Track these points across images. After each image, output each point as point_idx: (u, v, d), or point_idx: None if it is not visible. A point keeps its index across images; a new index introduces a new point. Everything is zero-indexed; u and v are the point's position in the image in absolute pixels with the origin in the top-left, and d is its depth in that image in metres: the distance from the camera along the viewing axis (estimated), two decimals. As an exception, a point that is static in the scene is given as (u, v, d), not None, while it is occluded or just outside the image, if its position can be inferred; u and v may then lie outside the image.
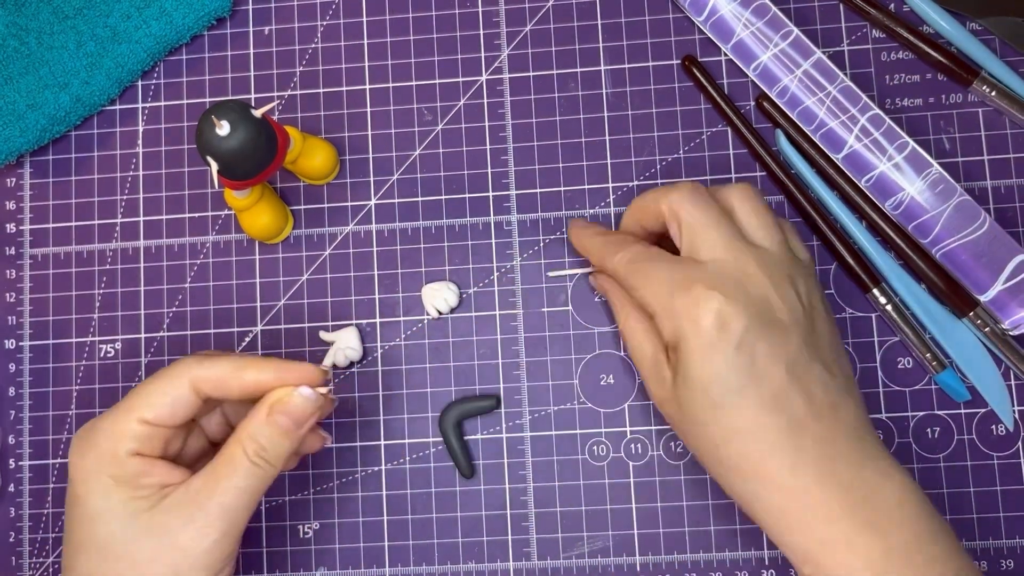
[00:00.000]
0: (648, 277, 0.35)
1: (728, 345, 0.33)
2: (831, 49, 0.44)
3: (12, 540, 0.44)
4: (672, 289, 0.34)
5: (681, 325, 0.34)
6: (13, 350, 0.46)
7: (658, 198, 0.37)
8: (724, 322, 0.33)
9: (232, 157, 0.36)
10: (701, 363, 0.33)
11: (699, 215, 0.35)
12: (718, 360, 0.33)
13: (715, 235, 0.35)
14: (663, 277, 0.35)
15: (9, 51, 0.44)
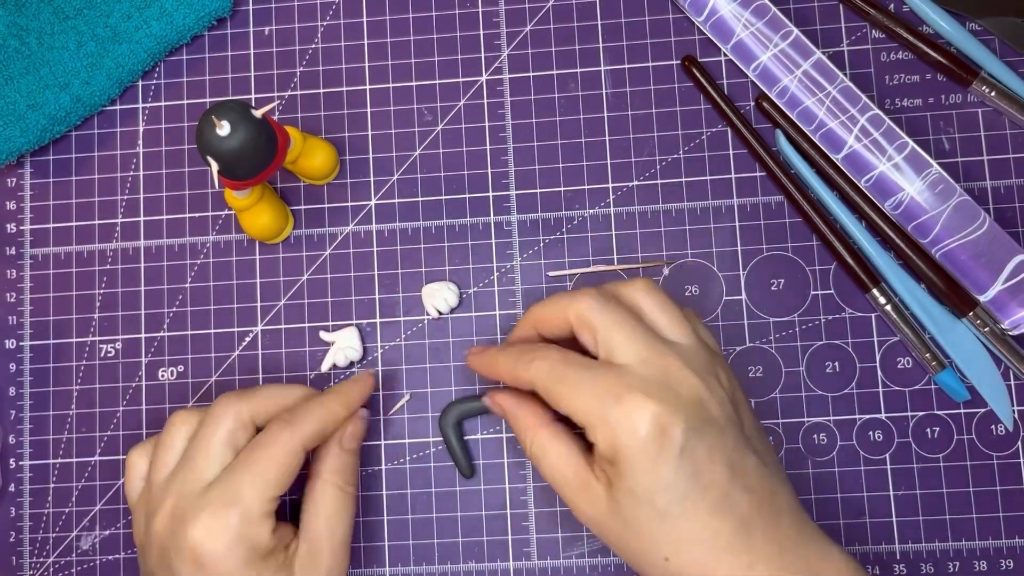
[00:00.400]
0: (574, 387, 0.33)
1: (670, 453, 0.31)
2: (831, 49, 0.44)
3: (12, 540, 0.44)
4: (602, 399, 0.32)
5: (618, 437, 0.32)
6: (13, 350, 0.46)
7: (563, 308, 0.35)
8: (663, 429, 0.32)
9: (232, 157, 0.36)
10: (645, 474, 0.32)
11: (611, 320, 0.34)
12: (662, 469, 0.31)
13: (632, 338, 0.34)
14: (590, 386, 0.33)
15: (9, 51, 0.44)
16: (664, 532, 0.32)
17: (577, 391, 0.33)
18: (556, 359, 0.34)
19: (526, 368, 0.35)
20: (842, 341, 0.43)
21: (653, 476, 0.32)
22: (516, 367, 0.35)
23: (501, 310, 0.44)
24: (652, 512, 0.32)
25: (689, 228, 0.44)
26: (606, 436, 0.32)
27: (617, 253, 0.44)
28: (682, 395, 0.32)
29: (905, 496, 0.42)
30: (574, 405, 0.33)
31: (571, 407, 0.33)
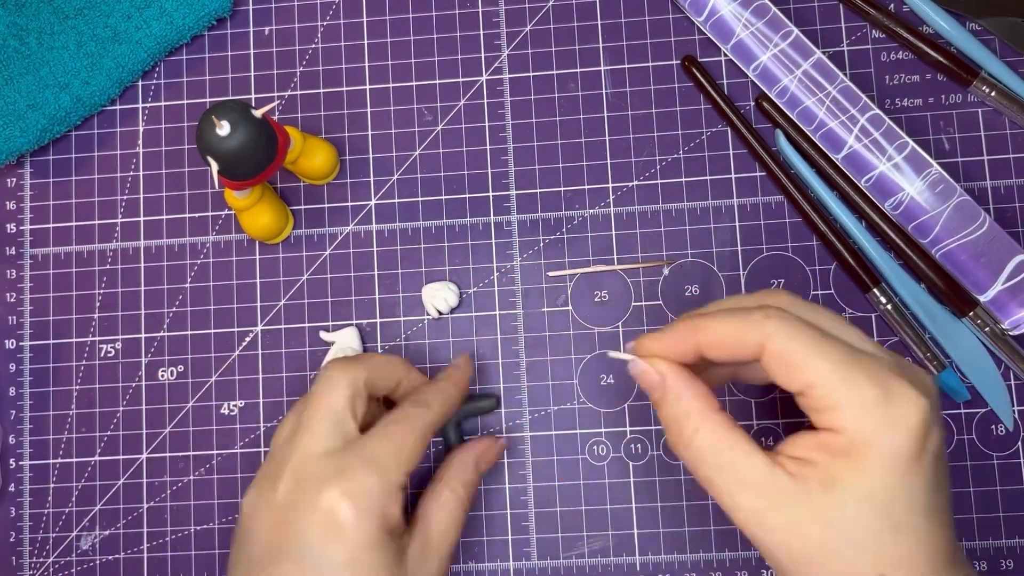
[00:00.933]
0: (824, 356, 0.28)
1: (930, 455, 0.27)
2: (831, 49, 0.44)
3: (12, 540, 0.44)
4: (862, 378, 0.27)
5: (878, 427, 0.27)
6: (13, 350, 0.46)
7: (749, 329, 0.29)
8: (928, 428, 0.27)
9: (232, 157, 0.36)
10: (896, 474, 0.27)
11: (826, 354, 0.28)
12: (918, 473, 0.27)
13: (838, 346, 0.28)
14: (845, 359, 0.28)
15: (9, 51, 0.44)
16: (893, 545, 0.27)
17: (828, 361, 0.28)
18: (796, 319, 0.29)
19: (760, 327, 0.29)
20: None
21: (905, 480, 0.27)
22: (743, 326, 0.29)
23: (501, 310, 0.44)
24: (884, 521, 0.27)
25: (689, 228, 0.44)
26: (859, 422, 0.27)
27: (617, 253, 0.44)
28: (928, 388, 0.28)
29: (905, 496, 0.42)
30: (822, 379, 0.28)
31: (817, 380, 0.28)
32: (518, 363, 0.44)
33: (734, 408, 0.43)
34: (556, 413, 0.43)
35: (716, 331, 0.30)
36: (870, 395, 0.27)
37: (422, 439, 0.35)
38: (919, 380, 0.28)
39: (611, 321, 0.44)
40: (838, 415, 0.28)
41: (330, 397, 0.35)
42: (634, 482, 0.43)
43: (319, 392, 0.35)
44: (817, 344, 0.28)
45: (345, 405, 0.35)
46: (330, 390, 0.35)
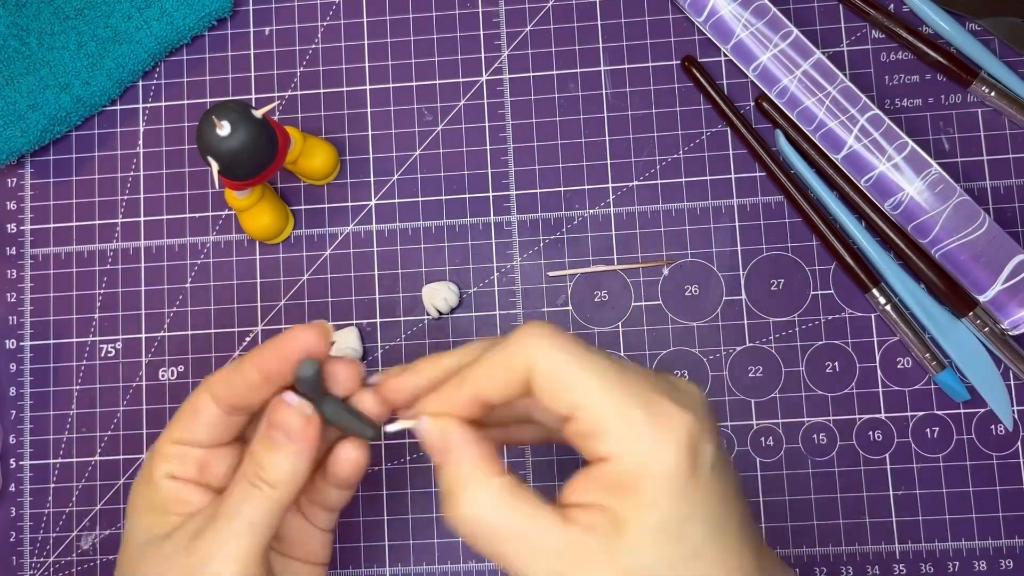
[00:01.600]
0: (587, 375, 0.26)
1: (705, 470, 0.26)
2: (831, 49, 0.44)
3: (12, 540, 0.45)
4: (625, 398, 0.26)
5: (647, 452, 0.25)
6: (14, 350, 0.46)
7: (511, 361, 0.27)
8: (697, 442, 0.26)
9: (233, 157, 0.36)
10: (679, 499, 0.25)
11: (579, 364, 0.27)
12: (699, 492, 0.26)
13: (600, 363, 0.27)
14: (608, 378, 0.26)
15: (10, 51, 0.44)
16: (698, 572, 0.26)
17: (599, 379, 0.26)
18: (566, 335, 0.27)
19: (522, 349, 0.27)
20: (842, 341, 0.43)
21: (690, 502, 0.26)
22: (510, 352, 0.27)
23: (501, 310, 0.44)
24: (683, 549, 0.25)
25: (689, 228, 0.44)
26: (628, 446, 0.26)
27: (617, 253, 0.44)
28: (695, 400, 0.27)
29: (905, 496, 0.42)
30: (590, 399, 0.26)
31: (585, 399, 0.26)
32: (518, 363, 0.44)
33: (733, 408, 0.43)
34: (556, 413, 0.43)
35: (486, 367, 0.28)
36: (637, 417, 0.26)
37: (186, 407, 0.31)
38: (681, 395, 0.27)
39: (611, 321, 0.44)
40: (606, 441, 0.26)
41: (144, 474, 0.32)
42: (634, 482, 0.43)
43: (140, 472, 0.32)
44: (583, 360, 0.26)
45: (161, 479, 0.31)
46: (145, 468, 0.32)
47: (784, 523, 0.42)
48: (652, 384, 0.27)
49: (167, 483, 0.31)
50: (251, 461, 0.30)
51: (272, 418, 0.30)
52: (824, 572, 0.42)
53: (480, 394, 0.28)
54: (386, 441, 0.44)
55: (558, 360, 0.26)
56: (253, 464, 0.30)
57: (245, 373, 0.30)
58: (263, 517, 0.29)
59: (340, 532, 0.43)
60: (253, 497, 0.29)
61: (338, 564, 0.43)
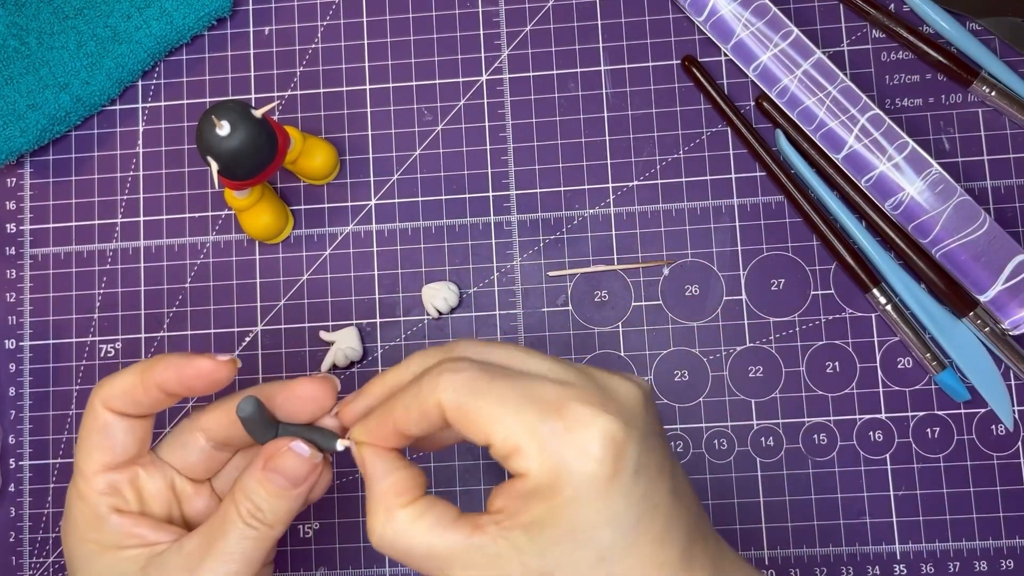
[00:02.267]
0: (499, 401, 0.27)
1: (626, 474, 0.26)
2: (831, 49, 0.44)
3: (12, 540, 0.44)
4: (538, 414, 0.26)
5: (562, 460, 0.26)
6: (13, 350, 0.46)
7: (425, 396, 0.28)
8: (617, 446, 0.26)
9: (232, 157, 0.36)
10: (593, 505, 0.26)
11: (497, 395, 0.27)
12: (616, 496, 0.26)
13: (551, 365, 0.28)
14: (520, 398, 0.27)
15: (9, 51, 0.44)
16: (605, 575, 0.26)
17: (503, 406, 0.26)
18: (473, 368, 0.27)
19: (432, 388, 0.27)
20: (842, 341, 0.43)
21: (603, 506, 0.26)
22: (421, 393, 0.28)
23: (501, 310, 0.44)
24: (591, 554, 0.26)
25: (689, 228, 0.44)
26: (544, 461, 0.26)
27: (617, 253, 0.44)
28: (623, 400, 0.27)
29: (905, 496, 0.42)
30: (500, 424, 0.26)
31: (494, 427, 0.26)
32: (518, 363, 0.44)
33: (733, 408, 0.43)
34: (556, 413, 0.43)
35: (403, 404, 0.28)
36: (547, 430, 0.26)
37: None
38: (605, 397, 0.27)
39: (611, 321, 0.44)
40: (521, 458, 0.26)
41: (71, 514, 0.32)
42: (634, 482, 0.43)
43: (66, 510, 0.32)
44: (492, 390, 0.27)
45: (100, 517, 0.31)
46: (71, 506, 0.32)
47: (784, 523, 0.42)
48: (573, 392, 0.27)
49: (116, 519, 0.31)
50: (245, 499, 0.30)
51: (277, 464, 0.30)
52: (824, 572, 0.42)
53: (401, 429, 0.29)
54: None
55: (463, 398, 0.27)
56: (248, 503, 0.30)
57: (150, 390, 0.31)
58: (260, 555, 0.30)
59: (340, 532, 0.43)
60: (249, 537, 0.30)
61: (338, 564, 0.43)
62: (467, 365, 0.28)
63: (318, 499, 0.33)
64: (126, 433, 0.32)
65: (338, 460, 0.44)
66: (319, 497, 0.33)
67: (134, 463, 0.32)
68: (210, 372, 0.31)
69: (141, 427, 0.32)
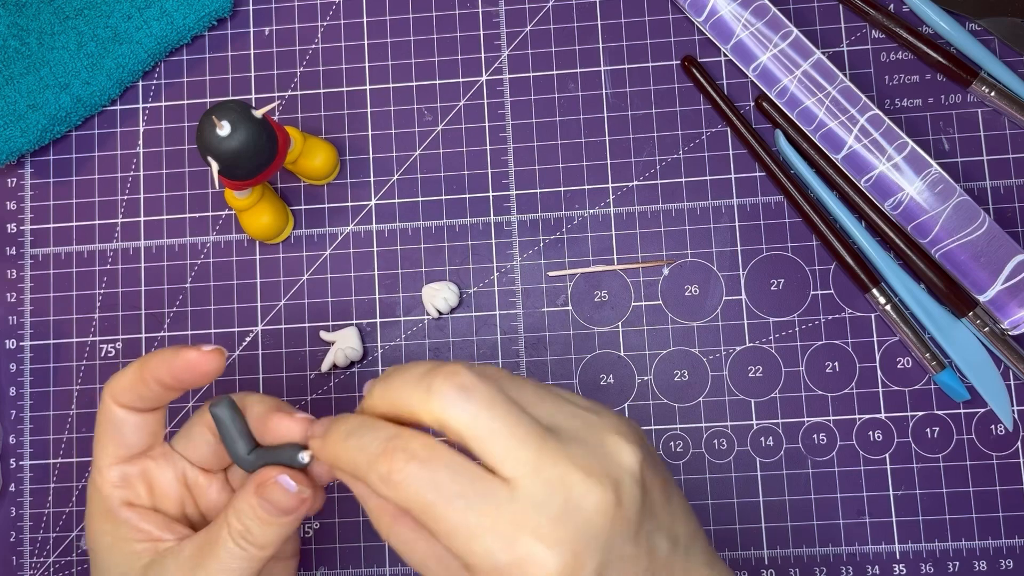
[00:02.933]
0: (456, 519, 0.25)
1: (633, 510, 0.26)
2: (831, 49, 0.44)
3: (12, 540, 0.45)
4: (492, 540, 0.25)
5: None
6: (14, 350, 0.46)
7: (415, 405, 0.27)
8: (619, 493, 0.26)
9: (233, 157, 0.36)
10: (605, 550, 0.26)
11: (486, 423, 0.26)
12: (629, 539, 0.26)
13: (517, 442, 0.26)
14: (477, 519, 0.25)
15: (10, 51, 0.44)
16: None
17: (459, 525, 0.25)
18: (438, 467, 0.26)
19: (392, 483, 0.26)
20: (842, 341, 0.43)
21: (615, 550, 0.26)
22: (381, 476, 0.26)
23: (501, 310, 0.44)
24: None
25: (689, 228, 0.44)
26: None
27: (617, 253, 0.44)
28: (587, 516, 0.26)
29: (905, 496, 0.42)
30: (455, 544, 0.26)
31: (451, 545, 0.26)
32: (518, 363, 0.44)
33: (733, 408, 0.43)
34: (556, 413, 0.43)
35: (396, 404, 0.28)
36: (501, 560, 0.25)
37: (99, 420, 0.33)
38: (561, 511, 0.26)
39: (611, 321, 0.44)
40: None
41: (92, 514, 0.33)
42: (634, 482, 0.43)
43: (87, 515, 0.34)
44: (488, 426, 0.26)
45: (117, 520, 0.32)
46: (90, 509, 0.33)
47: (784, 523, 0.42)
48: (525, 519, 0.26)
49: (126, 513, 0.33)
50: (237, 520, 0.31)
51: (267, 494, 0.31)
52: (824, 572, 0.42)
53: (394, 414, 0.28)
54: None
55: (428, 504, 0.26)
56: (239, 525, 0.31)
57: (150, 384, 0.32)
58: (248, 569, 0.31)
59: (340, 532, 0.43)
60: (239, 557, 0.31)
61: (338, 564, 0.43)
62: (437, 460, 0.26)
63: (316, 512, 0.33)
64: (136, 427, 0.33)
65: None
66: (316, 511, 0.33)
67: (145, 456, 0.33)
68: (197, 363, 0.31)
69: (151, 421, 0.33)
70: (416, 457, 0.26)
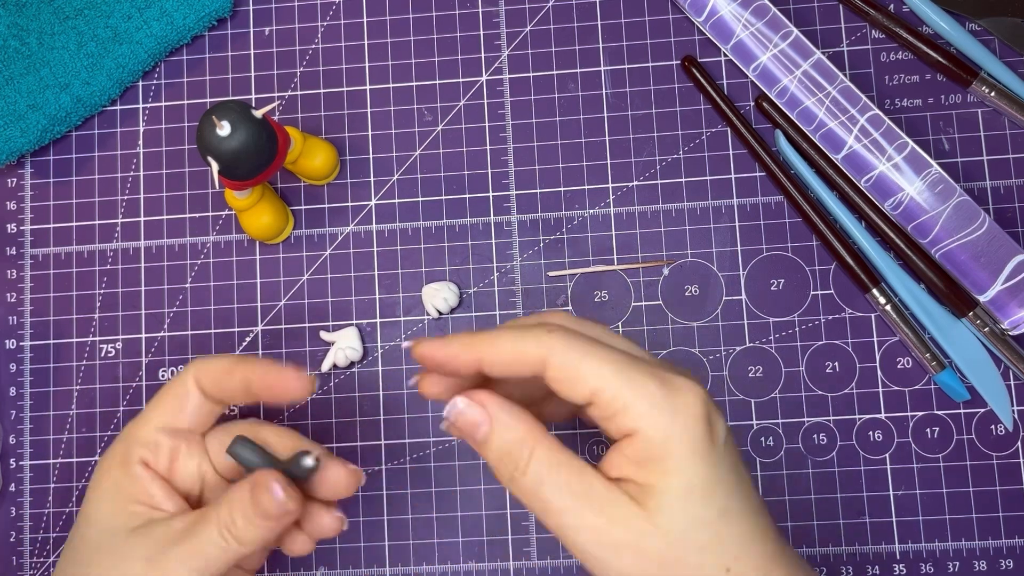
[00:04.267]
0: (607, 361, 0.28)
1: (719, 440, 0.28)
2: (831, 49, 0.44)
3: (12, 540, 0.45)
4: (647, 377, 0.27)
5: (672, 422, 0.27)
6: (14, 350, 0.46)
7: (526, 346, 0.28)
8: (712, 415, 0.28)
9: (233, 157, 0.36)
10: (703, 464, 0.27)
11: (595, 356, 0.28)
12: (717, 459, 0.27)
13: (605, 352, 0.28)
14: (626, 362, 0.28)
15: (10, 51, 0.44)
16: (728, 535, 0.27)
17: (611, 367, 0.27)
18: (575, 332, 0.28)
19: (538, 340, 0.28)
20: (842, 341, 0.43)
21: (709, 468, 0.27)
22: (524, 340, 0.28)
23: (501, 310, 0.44)
24: (712, 510, 0.27)
25: (689, 228, 0.44)
26: (650, 418, 0.27)
27: (617, 253, 0.44)
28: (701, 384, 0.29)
29: (905, 496, 0.42)
30: (607, 383, 0.27)
31: (601, 384, 0.27)
32: (518, 363, 0.44)
33: (733, 407, 0.43)
34: (556, 413, 0.43)
35: (497, 346, 0.29)
36: (654, 390, 0.27)
37: (171, 392, 0.35)
38: (690, 375, 0.29)
39: (611, 321, 0.44)
40: (629, 415, 0.27)
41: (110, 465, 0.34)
42: (634, 482, 0.43)
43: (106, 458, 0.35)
44: (597, 352, 0.28)
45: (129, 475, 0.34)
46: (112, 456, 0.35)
47: (784, 523, 0.42)
48: (661, 365, 0.29)
49: (139, 470, 0.34)
50: (228, 510, 0.32)
51: (256, 494, 0.32)
52: (824, 572, 0.42)
53: (486, 367, 0.29)
54: (386, 442, 0.44)
55: (571, 356, 0.28)
56: (227, 515, 0.32)
57: (235, 381, 0.34)
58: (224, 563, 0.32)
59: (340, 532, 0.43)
60: (218, 545, 0.32)
61: (338, 564, 0.43)
62: (572, 328, 0.29)
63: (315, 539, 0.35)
64: (196, 409, 0.35)
65: (338, 460, 0.44)
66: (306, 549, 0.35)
67: (182, 437, 0.35)
68: (290, 385, 0.33)
69: (209, 412, 0.35)
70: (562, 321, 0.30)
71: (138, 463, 0.34)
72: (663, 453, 0.27)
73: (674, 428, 0.27)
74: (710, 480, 0.27)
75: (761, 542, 0.28)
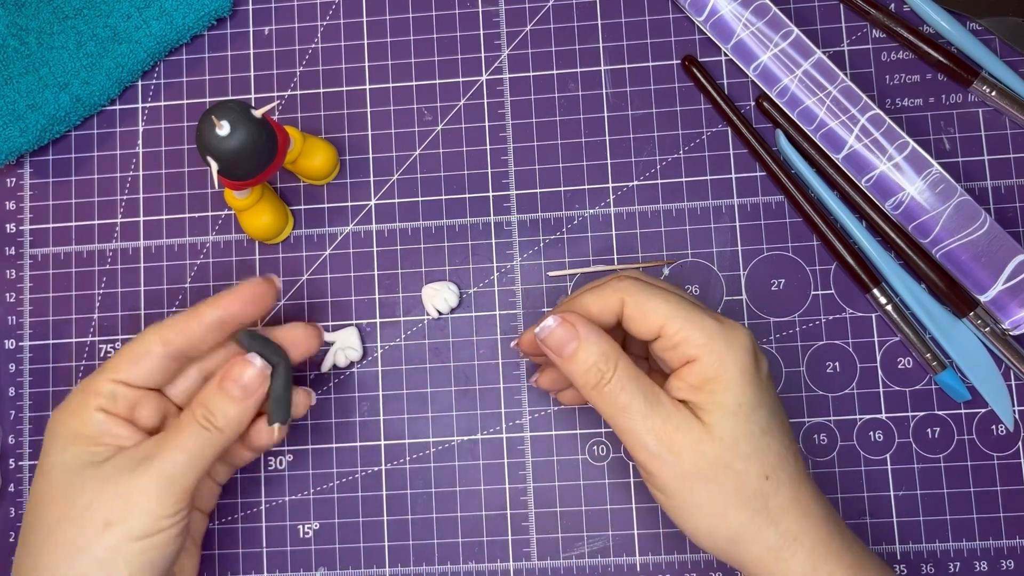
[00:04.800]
0: (669, 302, 0.34)
1: (763, 373, 0.34)
2: (831, 49, 0.44)
3: (12, 540, 0.44)
4: (702, 315, 0.34)
5: (726, 351, 0.33)
6: (13, 350, 0.46)
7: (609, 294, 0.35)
8: (757, 350, 0.34)
9: (232, 157, 0.36)
10: (751, 387, 0.33)
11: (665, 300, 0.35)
12: (761, 386, 0.34)
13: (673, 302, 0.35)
14: (683, 303, 0.34)
15: (9, 51, 0.44)
16: (768, 448, 0.33)
17: (674, 306, 0.34)
18: (644, 281, 0.36)
19: (616, 288, 0.35)
20: (842, 341, 0.43)
21: (754, 393, 0.33)
22: (604, 291, 0.35)
23: (501, 310, 0.44)
24: (755, 426, 0.33)
25: (689, 228, 0.44)
26: (709, 347, 0.33)
27: (617, 253, 0.44)
28: None
29: (905, 496, 0.42)
30: (671, 319, 0.33)
31: (668, 320, 0.34)
32: (518, 363, 0.44)
33: (734, 408, 0.43)
34: (556, 413, 0.43)
35: (584, 301, 0.35)
36: (711, 325, 0.33)
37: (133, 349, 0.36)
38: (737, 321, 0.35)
39: (611, 321, 0.43)
40: (691, 344, 0.33)
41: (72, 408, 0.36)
42: (634, 482, 0.43)
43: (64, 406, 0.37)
44: (663, 294, 0.34)
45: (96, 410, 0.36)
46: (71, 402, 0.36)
47: (784, 523, 0.42)
48: (714, 311, 0.35)
49: (98, 416, 0.35)
50: (200, 407, 0.35)
51: (231, 373, 0.36)
52: (824, 572, 0.42)
53: (585, 310, 0.35)
54: (386, 442, 0.44)
55: (642, 297, 0.34)
56: (203, 409, 0.35)
57: (203, 316, 0.36)
58: (207, 453, 0.35)
59: (339, 532, 0.43)
60: (201, 437, 0.35)
61: (338, 564, 0.43)
62: (641, 277, 0.36)
63: (301, 415, 0.39)
64: (155, 366, 0.36)
65: (336, 459, 0.44)
66: (301, 415, 0.38)
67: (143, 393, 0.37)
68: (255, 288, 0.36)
69: (169, 368, 0.37)
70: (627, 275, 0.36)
71: (96, 410, 0.35)
72: (718, 375, 0.33)
73: (728, 356, 0.33)
74: (755, 402, 0.33)
75: (793, 460, 0.34)
